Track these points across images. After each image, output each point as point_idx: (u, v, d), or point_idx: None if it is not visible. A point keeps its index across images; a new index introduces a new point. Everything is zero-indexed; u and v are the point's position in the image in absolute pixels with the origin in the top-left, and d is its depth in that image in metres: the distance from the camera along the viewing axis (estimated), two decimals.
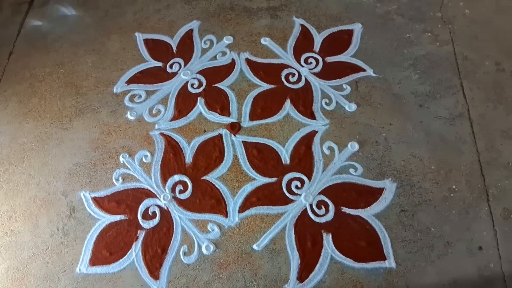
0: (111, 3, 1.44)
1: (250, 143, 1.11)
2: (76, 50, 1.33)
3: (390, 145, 1.07)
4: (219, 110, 1.16)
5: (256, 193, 1.03)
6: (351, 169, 1.04)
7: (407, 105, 1.14)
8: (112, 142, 1.13)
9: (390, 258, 0.92)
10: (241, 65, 1.25)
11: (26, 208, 1.05)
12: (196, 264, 0.95)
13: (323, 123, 1.12)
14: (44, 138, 1.16)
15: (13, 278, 0.96)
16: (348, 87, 1.18)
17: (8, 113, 1.21)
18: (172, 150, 1.10)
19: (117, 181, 1.07)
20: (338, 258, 0.93)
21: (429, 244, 0.93)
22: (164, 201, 1.03)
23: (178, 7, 1.40)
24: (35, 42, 1.36)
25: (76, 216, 1.03)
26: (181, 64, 1.26)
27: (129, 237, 0.99)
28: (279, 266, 0.93)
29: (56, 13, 1.43)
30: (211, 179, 1.06)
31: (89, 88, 1.24)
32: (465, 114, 1.11)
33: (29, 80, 1.27)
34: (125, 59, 1.29)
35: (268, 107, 1.16)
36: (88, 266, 0.96)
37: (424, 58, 1.21)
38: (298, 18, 1.33)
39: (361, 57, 1.23)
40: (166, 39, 1.32)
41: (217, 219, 1.00)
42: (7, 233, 1.02)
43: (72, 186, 1.07)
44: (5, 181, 1.10)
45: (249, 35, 1.31)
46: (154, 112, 1.17)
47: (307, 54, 1.25)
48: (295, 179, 1.04)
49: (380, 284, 0.90)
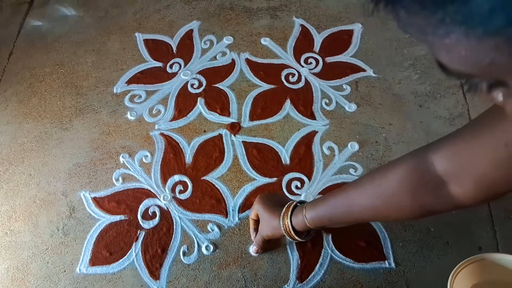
0: (111, 3, 1.44)
1: (250, 143, 1.11)
2: (76, 50, 1.33)
3: (390, 145, 1.08)
4: (219, 110, 1.16)
5: (256, 193, 1.03)
6: (351, 169, 1.05)
7: (407, 105, 1.14)
8: (112, 142, 1.13)
9: (390, 258, 0.92)
10: (241, 65, 1.25)
11: (26, 208, 1.05)
12: (196, 264, 0.95)
13: (323, 123, 1.12)
14: (44, 138, 1.16)
15: (13, 278, 0.96)
16: (348, 87, 1.18)
17: (8, 113, 1.21)
18: (172, 150, 1.10)
19: (117, 181, 1.07)
20: (338, 258, 0.93)
21: (429, 244, 0.93)
22: (164, 201, 1.03)
23: (178, 7, 1.40)
24: (35, 42, 1.36)
25: (76, 216, 1.03)
26: (181, 64, 1.26)
27: (129, 237, 0.99)
28: (279, 266, 0.93)
29: (56, 13, 1.44)
30: (211, 179, 1.06)
31: (89, 88, 1.24)
32: (465, 114, 1.11)
33: (29, 80, 1.27)
34: (125, 59, 1.29)
35: (268, 107, 1.16)
36: (88, 266, 0.96)
37: (424, 58, 1.21)
38: (298, 18, 1.34)
39: (361, 57, 1.23)
40: (166, 39, 1.32)
41: (217, 219, 1.00)
42: (7, 233, 1.02)
43: (72, 186, 1.07)
44: (5, 181, 1.10)
45: (249, 35, 1.31)
46: (154, 112, 1.17)
47: (307, 54, 1.25)
48: (295, 179, 1.04)
49: (380, 284, 0.90)
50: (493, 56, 0.23)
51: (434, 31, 0.24)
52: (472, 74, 0.26)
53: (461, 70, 0.26)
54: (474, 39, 0.22)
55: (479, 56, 0.23)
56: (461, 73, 0.27)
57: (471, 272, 0.76)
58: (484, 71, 0.25)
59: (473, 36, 0.22)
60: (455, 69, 0.26)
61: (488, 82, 0.27)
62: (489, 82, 0.27)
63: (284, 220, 0.79)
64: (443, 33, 0.23)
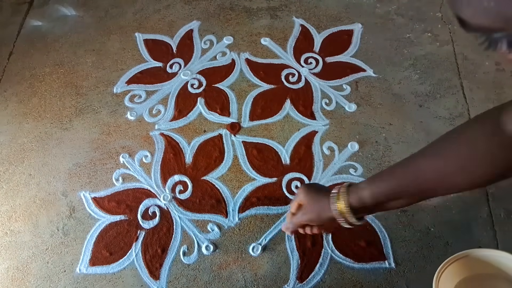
0: (111, 3, 1.44)
1: (250, 143, 1.11)
2: (76, 50, 1.33)
3: (390, 145, 1.07)
4: (219, 110, 1.16)
5: (256, 193, 1.03)
6: (351, 169, 1.04)
7: (407, 105, 1.14)
8: (112, 142, 1.13)
9: (390, 258, 0.92)
10: (241, 65, 1.25)
11: (26, 208, 1.05)
12: (196, 264, 0.95)
13: (323, 123, 1.12)
14: (44, 138, 1.16)
15: (13, 278, 0.96)
16: (348, 87, 1.18)
17: (8, 113, 1.21)
18: (172, 150, 1.10)
19: (117, 181, 1.07)
20: (338, 258, 0.93)
21: (429, 244, 0.93)
22: (164, 201, 1.03)
23: (178, 7, 1.40)
24: (35, 42, 1.36)
25: (76, 216, 1.03)
26: (181, 64, 1.26)
27: (129, 237, 0.99)
28: (279, 266, 0.93)
29: (56, 13, 1.44)
30: (211, 179, 1.06)
31: (89, 88, 1.24)
32: (465, 114, 1.11)
33: (29, 80, 1.27)
34: (125, 59, 1.29)
35: (268, 107, 1.16)
36: (88, 266, 0.96)
37: (424, 58, 1.21)
38: (298, 18, 1.33)
39: (361, 57, 1.23)
40: (166, 39, 1.32)
41: (217, 219, 1.00)
42: (7, 233, 1.02)
43: (72, 186, 1.07)
44: (5, 181, 1.10)
45: (249, 35, 1.31)
46: (154, 112, 1.17)
47: (307, 54, 1.25)
48: (295, 179, 1.04)
49: (380, 284, 0.90)
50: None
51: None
52: (493, 28, 0.25)
53: (483, 23, 0.25)
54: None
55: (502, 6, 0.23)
56: (482, 28, 0.26)
57: (456, 269, 0.78)
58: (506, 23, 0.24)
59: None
60: (477, 24, 0.26)
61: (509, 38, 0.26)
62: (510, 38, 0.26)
63: (338, 199, 0.71)
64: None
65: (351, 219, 0.71)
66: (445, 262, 0.77)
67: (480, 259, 0.78)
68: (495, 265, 0.77)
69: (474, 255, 0.78)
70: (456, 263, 0.77)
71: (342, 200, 0.71)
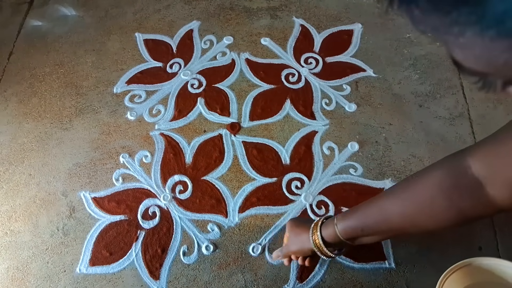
0: (111, 3, 1.44)
1: (250, 143, 1.11)
2: (76, 50, 1.33)
3: (390, 145, 1.08)
4: (219, 110, 1.16)
5: (256, 193, 1.03)
6: (351, 169, 1.05)
7: (407, 105, 1.14)
8: (112, 142, 1.13)
9: (390, 258, 0.92)
10: (241, 65, 1.25)
11: (26, 208, 1.05)
12: (196, 264, 0.95)
13: (323, 123, 1.12)
14: (44, 138, 1.16)
15: (13, 278, 0.96)
16: (348, 87, 1.18)
17: (8, 113, 1.21)
18: (172, 150, 1.10)
19: (117, 181, 1.07)
20: (338, 258, 0.93)
21: (429, 244, 0.93)
22: (164, 201, 1.03)
23: (178, 7, 1.40)
24: (35, 42, 1.36)
25: (76, 216, 1.03)
26: (181, 64, 1.26)
27: (129, 237, 0.99)
28: (279, 266, 0.93)
29: (56, 13, 1.44)
30: (211, 179, 1.06)
31: (89, 88, 1.24)
32: (465, 114, 1.11)
33: (29, 80, 1.27)
34: (125, 59, 1.29)
35: (268, 107, 1.16)
36: (88, 266, 0.96)
37: (424, 58, 1.21)
38: (298, 18, 1.33)
39: (361, 57, 1.23)
40: (166, 39, 1.32)
41: (217, 219, 1.00)
42: (7, 233, 1.02)
43: (72, 186, 1.07)
44: (5, 181, 1.10)
45: (249, 35, 1.31)
46: (154, 112, 1.17)
47: (307, 54, 1.25)
48: (295, 179, 1.04)
49: (380, 284, 0.90)
50: (507, 56, 0.22)
51: (448, 30, 0.24)
52: (486, 73, 0.26)
53: (476, 68, 0.26)
54: (488, 40, 0.22)
55: (493, 56, 0.23)
56: (475, 71, 0.26)
57: (458, 277, 0.78)
58: (498, 70, 0.25)
59: (487, 36, 0.22)
60: (470, 67, 0.26)
61: (503, 80, 0.27)
62: (504, 80, 0.27)
63: (314, 233, 0.76)
64: (457, 32, 0.23)
65: (327, 252, 0.77)
66: (448, 271, 0.77)
67: (482, 267, 0.77)
68: (498, 274, 0.77)
69: (477, 263, 0.77)
70: (458, 272, 0.77)
71: (317, 233, 0.76)
